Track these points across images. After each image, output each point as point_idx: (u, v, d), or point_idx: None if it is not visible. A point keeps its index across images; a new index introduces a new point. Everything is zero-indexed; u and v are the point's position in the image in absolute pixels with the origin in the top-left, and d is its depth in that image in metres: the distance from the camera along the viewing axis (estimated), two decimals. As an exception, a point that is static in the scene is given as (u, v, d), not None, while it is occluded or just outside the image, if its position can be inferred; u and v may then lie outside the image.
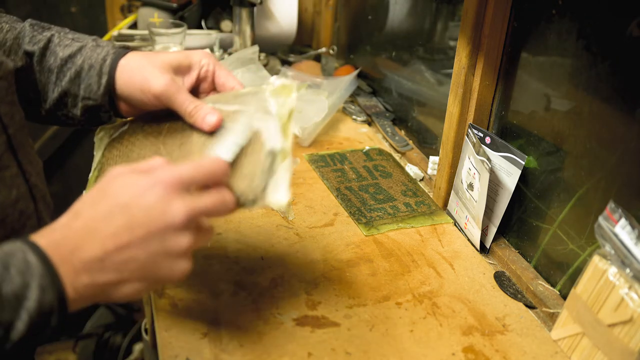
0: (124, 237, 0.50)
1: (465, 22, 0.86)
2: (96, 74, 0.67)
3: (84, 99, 0.68)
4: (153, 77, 0.64)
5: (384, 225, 0.93)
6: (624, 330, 0.62)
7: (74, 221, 0.50)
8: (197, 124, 0.65)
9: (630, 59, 0.67)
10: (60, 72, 0.68)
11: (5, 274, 0.46)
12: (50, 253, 0.48)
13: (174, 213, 0.51)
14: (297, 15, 1.52)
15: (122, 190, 0.51)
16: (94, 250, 0.49)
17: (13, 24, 0.71)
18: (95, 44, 0.69)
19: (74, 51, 0.68)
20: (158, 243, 0.51)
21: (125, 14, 1.74)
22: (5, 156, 0.60)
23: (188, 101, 0.65)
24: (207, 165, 0.55)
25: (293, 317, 0.72)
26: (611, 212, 0.65)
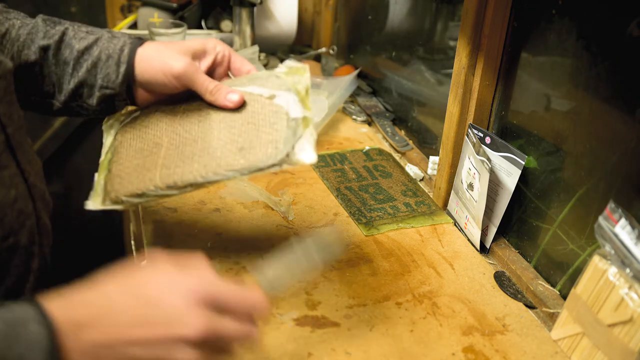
0: (134, 333, 0.47)
1: (465, 22, 0.86)
2: (114, 63, 0.69)
3: (101, 88, 0.70)
4: (173, 59, 0.67)
5: (384, 225, 0.93)
6: (624, 330, 0.62)
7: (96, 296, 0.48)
8: (219, 102, 0.68)
9: (630, 59, 0.67)
10: (77, 64, 0.70)
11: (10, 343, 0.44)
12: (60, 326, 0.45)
13: (192, 328, 0.48)
14: (297, 15, 1.52)
15: (153, 281, 0.49)
16: (105, 335, 0.47)
17: (24, 20, 0.72)
18: (111, 35, 0.72)
19: (90, 43, 0.70)
20: (161, 350, 0.48)
21: (125, 14, 1.73)
22: (4, 156, 0.60)
23: (208, 80, 0.68)
24: (250, 299, 0.52)
25: (293, 317, 0.72)
26: (611, 212, 0.65)
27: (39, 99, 0.72)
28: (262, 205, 0.94)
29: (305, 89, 0.67)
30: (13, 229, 0.60)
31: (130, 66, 0.69)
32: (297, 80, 0.68)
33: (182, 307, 0.48)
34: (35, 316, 0.45)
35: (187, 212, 0.90)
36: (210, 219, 0.89)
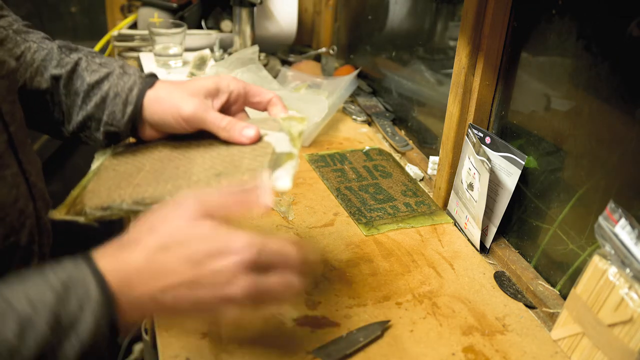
0: (182, 292, 0.50)
1: (465, 22, 0.86)
2: (122, 102, 0.68)
3: (106, 124, 0.69)
4: (182, 102, 0.65)
5: (384, 225, 0.93)
6: (624, 330, 0.62)
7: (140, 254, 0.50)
8: (234, 139, 0.65)
9: (630, 59, 0.67)
10: (86, 97, 0.69)
11: (65, 299, 0.46)
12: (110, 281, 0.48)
13: (237, 287, 0.51)
14: (297, 15, 1.52)
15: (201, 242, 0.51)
16: (151, 292, 0.50)
17: (41, 44, 0.72)
18: (122, 71, 0.70)
19: (101, 77, 0.70)
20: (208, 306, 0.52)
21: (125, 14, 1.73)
22: (6, 155, 0.60)
23: (219, 118, 0.66)
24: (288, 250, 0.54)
25: (293, 317, 0.72)
26: (611, 212, 0.65)
27: (49, 125, 0.72)
28: (262, 205, 0.94)
29: (299, 132, 0.66)
30: (14, 228, 0.60)
31: (137, 108, 0.68)
32: (293, 124, 0.68)
33: (228, 269, 0.50)
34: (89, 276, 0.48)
35: (187, 212, 0.89)
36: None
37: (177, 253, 0.50)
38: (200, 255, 0.50)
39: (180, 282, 0.50)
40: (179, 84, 0.69)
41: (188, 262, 0.50)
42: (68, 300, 0.46)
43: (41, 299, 0.45)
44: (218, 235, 0.52)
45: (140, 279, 0.50)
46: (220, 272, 0.51)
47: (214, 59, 1.42)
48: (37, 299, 0.45)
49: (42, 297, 0.45)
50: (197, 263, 0.50)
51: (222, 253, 0.51)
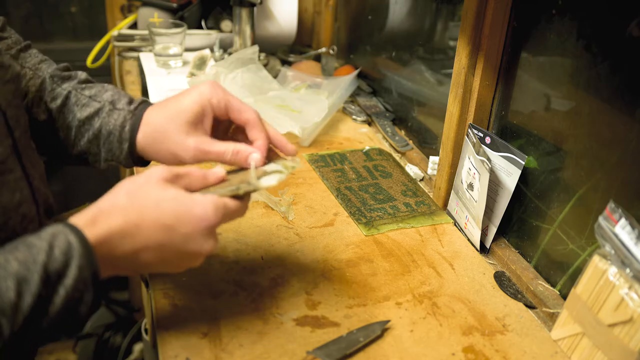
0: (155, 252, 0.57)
1: (465, 22, 0.86)
2: (116, 140, 0.70)
3: (106, 160, 0.73)
4: (181, 149, 0.66)
5: (384, 225, 0.93)
6: (624, 330, 0.62)
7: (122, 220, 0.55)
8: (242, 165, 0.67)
9: (630, 59, 0.67)
10: (78, 133, 0.72)
11: (50, 254, 0.51)
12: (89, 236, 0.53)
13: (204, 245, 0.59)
14: (297, 15, 1.52)
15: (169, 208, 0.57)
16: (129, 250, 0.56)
17: (36, 71, 0.74)
18: (112, 107, 0.71)
19: (90, 114, 0.71)
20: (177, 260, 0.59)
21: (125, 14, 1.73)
22: (10, 160, 0.60)
23: (222, 151, 0.66)
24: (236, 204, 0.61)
25: (293, 317, 0.72)
26: (611, 212, 0.65)
27: (53, 150, 0.74)
28: (262, 205, 0.94)
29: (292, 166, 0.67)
30: (16, 233, 0.60)
31: (132, 144, 0.70)
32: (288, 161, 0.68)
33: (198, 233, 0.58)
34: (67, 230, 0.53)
35: (187, 212, 0.89)
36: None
37: (150, 215, 0.56)
38: (171, 219, 0.56)
39: (154, 244, 0.56)
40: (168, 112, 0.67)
41: (160, 226, 0.56)
42: (54, 256, 0.51)
43: (32, 258, 0.50)
44: (184, 198, 0.57)
45: (119, 239, 0.55)
46: (189, 236, 0.57)
47: (214, 59, 1.42)
48: (28, 259, 0.50)
49: (33, 256, 0.50)
50: (169, 228, 0.56)
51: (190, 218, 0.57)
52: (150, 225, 0.55)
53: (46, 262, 0.50)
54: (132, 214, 0.55)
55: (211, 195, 0.59)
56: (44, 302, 0.50)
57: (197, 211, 0.57)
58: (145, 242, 0.56)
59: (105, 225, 0.54)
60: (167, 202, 0.56)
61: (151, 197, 0.56)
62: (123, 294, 2.03)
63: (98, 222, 0.54)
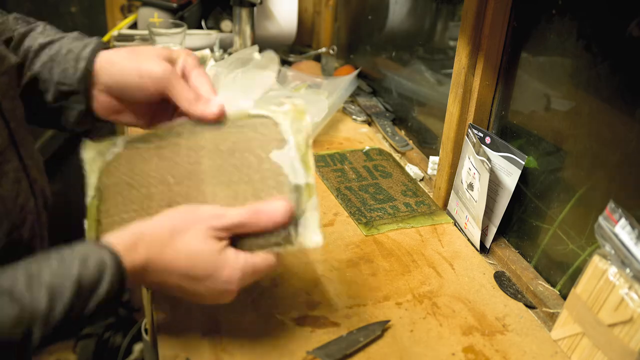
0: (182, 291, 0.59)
1: (465, 22, 0.86)
2: (73, 58, 0.65)
3: (58, 83, 0.66)
4: (152, 62, 0.64)
5: (384, 225, 0.93)
6: (624, 330, 0.62)
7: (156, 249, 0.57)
8: (198, 113, 0.63)
9: (630, 59, 0.67)
10: (35, 57, 0.67)
11: (85, 267, 0.52)
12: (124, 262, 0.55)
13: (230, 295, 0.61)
14: (297, 15, 1.52)
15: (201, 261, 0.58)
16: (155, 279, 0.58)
17: None
18: (78, 36, 0.69)
19: (53, 38, 0.68)
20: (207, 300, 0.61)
21: (125, 14, 1.74)
22: (8, 150, 0.60)
23: (187, 88, 0.64)
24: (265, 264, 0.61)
25: (293, 317, 0.72)
26: (611, 212, 0.65)
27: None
28: (262, 205, 0.94)
29: (306, 140, 0.60)
30: (15, 224, 0.60)
31: (90, 63, 0.65)
32: (296, 128, 0.61)
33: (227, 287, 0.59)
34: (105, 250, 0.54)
35: (187, 212, 0.89)
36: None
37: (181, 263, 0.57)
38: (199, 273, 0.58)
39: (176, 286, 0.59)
40: (136, 48, 0.66)
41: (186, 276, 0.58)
42: (88, 270, 0.52)
43: (66, 270, 0.51)
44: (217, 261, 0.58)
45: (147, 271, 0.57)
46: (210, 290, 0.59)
47: (214, 59, 1.42)
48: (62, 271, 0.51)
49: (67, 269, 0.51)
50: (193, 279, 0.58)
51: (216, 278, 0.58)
52: (176, 271, 0.58)
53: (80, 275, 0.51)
54: (168, 254, 0.57)
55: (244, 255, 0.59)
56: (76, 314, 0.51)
57: (224, 276, 0.58)
58: (168, 281, 0.58)
59: (143, 255, 0.56)
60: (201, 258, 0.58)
61: (190, 246, 0.57)
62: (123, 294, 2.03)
63: (137, 248, 0.56)
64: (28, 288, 0.49)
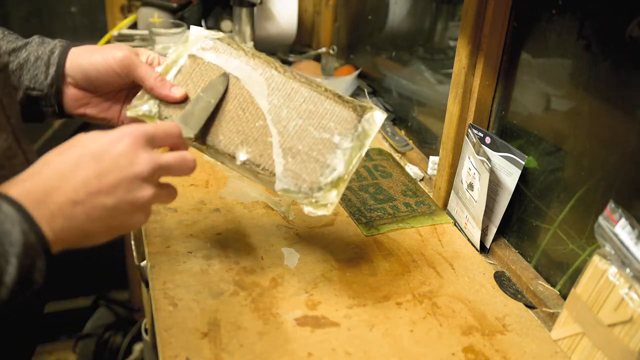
0: (94, 184, 0.52)
1: (465, 22, 0.86)
2: (44, 64, 0.69)
3: (27, 89, 0.69)
4: (114, 49, 0.69)
5: (384, 225, 0.93)
6: (624, 330, 0.62)
7: (44, 168, 0.52)
8: (164, 92, 0.70)
9: (630, 59, 0.67)
10: None
11: None
12: (22, 201, 0.50)
13: (141, 164, 0.54)
14: (297, 15, 1.52)
15: (91, 141, 0.54)
16: (66, 194, 0.51)
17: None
18: (41, 40, 0.72)
19: (18, 46, 0.70)
20: (124, 192, 0.53)
21: (125, 14, 1.73)
22: (13, 146, 0.61)
23: (150, 71, 0.70)
24: (166, 126, 0.59)
25: (293, 317, 0.72)
26: (611, 212, 0.65)
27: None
28: (262, 205, 0.94)
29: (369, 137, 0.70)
30: None
31: (60, 67, 0.69)
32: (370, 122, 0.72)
33: (126, 151, 0.54)
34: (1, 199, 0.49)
35: (187, 212, 0.90)
36: (210, 219, 0.89)
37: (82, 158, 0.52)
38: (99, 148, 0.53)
39: (87, 175, 0.52)
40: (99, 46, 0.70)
41: (90, 157, 0.53)
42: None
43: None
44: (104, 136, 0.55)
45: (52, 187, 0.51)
46: (121, 156, 0.53)
47: (214, 59, 1.42)
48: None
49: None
50: (97, 156, 0.53)
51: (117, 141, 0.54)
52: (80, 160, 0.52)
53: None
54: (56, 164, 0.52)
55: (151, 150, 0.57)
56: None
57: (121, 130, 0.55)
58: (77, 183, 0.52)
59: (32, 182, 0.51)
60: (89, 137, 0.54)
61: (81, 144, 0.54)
62: (123, 294, 2.03)
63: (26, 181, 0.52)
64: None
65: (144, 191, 0.55)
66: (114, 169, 0.53)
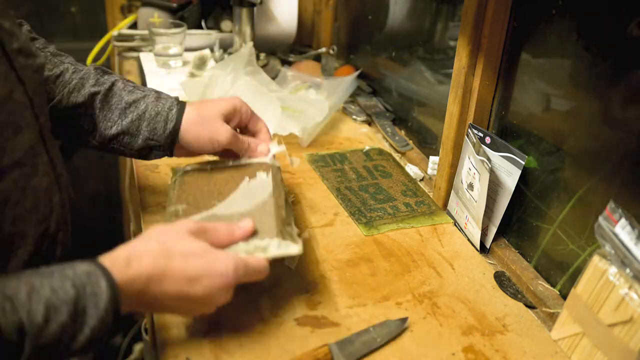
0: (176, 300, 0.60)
1: (465, 22, 0.86)
2: (163, 120, 0.79)
3: (147, 139, 0.79)
4: (219, 132, 0.78)
5: (384, 225, 0.93)
6: (624, 330, 0.62)
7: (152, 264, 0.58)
8: (254, 155, 0.83)
9: (630, 59, 0.67)
10: (122, 114, 0.79)
11: (83, 292, 0.53)
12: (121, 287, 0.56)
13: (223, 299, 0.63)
14: (297, 15, 1.52)
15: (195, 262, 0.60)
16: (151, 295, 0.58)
17: (77, 66, 0.81)
18: (157, 95, 0.81)
19: (138, 97, 0.80)
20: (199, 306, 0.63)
21: (125, 14, 1.74)
22: (38, 144, 0.63)
23: (244, 142, 0.82)
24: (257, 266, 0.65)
25: (293, 317, 0.72)
26: (611, 212, 0.65)
27: (78, 134, 0.80)
28: (262, 205, 0.94)
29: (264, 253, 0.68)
30: (45, 215, 0.63)
31: (177, 125, 0.79)
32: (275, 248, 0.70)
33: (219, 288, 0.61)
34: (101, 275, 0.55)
35: (187, 212, 0.89)
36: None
37: (177, 265, 0.59)
38: (195, 272, 0.59)
39: (176, 293, 0.59)
40: (204, 107, 0.80)
41: (185, 277, 0.59)
42: (85, 296, 0.53)
43: (64, 290, 0.52)
44: (209, 255, 0.61)
45: (145, 283, 0.58)
46: (208, 290, 0.60)
47: (214, 59, 1.42)
48: (60, 290, 0.52)
49: (64, 289, 0.52)
50: (192, 280, 0.59)
51: (212, 274, 0.60)
52: (176, 275, 0.59)
53: (76, 299, 0.53)
54: (161, 261, 0.58)
55: (234, 253, 0.63)
56: (68, 336, 0.52)
57: (220, 268, 0.60)
58: (168, 290, 0.59)
59: (136, 269, 0.57)
60: (194, 256, 0.60)
61: (179, 247, 0.60)
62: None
63: (130, 265, 0.57)
64: (28, 298, 0.51)
65: (222, 300, 0.63)
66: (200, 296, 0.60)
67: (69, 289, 0.53)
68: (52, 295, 0.52)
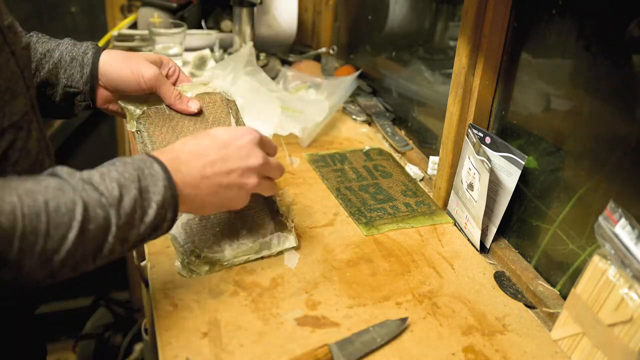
0: (218, 165, 0.67)
1: (465, 22, 0.86)
2: (78, 64, 0.78)
3: (65, 87, 0.79)
4: (144, 66, 0.78)
5: (384, 225, 0.92)
6: (624, 330, 0.62)
7: (184, 147, 0.66)
8: (182, 108, 0.82)
9: (630, 59, 0.67)
10: (39, 65, 0.78)
11: (142, 174, 0.61)
12: (167, 165, 0.63)
13: (254, 158, 0.69)
14: (297, 15, 1.52)
15: (221, 133, 0.69)
16: (197, 169, 0.65)
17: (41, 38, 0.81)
18: (73, 42, 0.80)
19: (52, 46, 0.79)
20: (238, 176, 0.68)
21: (125, 14, 1.74)
22: (31, 112, 0.66)
23: (171, 90, 0.81)
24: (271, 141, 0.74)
25: (293, 317, 0.72)
26: (611, 212, 0.65)
27: None
28: (262, 205, 0.94)
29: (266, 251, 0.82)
30: None
31: (94, 68, 0.78)
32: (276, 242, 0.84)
33: (247, 146, 0.69)
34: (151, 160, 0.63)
35: (187, 212, 0.89)
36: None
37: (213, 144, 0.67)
38: (226, 138, 0.68)
39: (214, 158, 0.66)
40: (128, 52, 0.81)
41: (219, 145, 0.67)
42: (144, 176, 0.60)
43: (128, 172, 0.60)
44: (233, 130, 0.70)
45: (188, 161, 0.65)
46: (243, 148, 0.68)
47: (214, 59, 1.42)
48: (126, 172, 0.60)
49: (128, 171, 0.60)
50: (225, 145, 0.67)
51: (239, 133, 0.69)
52: (212, 146, 0.67)
53: (139, 178, 0.60)
54: (198, 142, 0.67)
55: None
56: (141, 210, 0.59)
57: (244, 129, 0.70)
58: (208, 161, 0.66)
59: (179, 149, 0.66)
60: (221, 131, 0.69)
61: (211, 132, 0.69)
62: (123, 294, 2.03)
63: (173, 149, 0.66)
64: (102, 180, 0.58)
65: (251, 179, 0.69)
66: (235, 157, 0.68)
67: (132, 171, 0.60)
68: (120, 176, 0.59)
